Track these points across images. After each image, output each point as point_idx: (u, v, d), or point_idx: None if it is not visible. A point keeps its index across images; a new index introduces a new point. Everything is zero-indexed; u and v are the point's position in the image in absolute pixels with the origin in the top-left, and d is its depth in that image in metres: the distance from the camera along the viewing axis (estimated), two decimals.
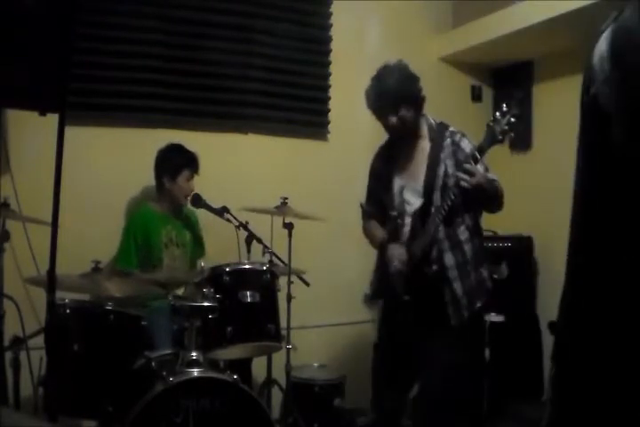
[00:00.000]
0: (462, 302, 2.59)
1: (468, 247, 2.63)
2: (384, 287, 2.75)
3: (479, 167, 2.47)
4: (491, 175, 2.59)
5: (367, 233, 2.90)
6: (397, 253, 2.65)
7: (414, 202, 2.68)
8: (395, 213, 2.73)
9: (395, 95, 2.60)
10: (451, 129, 2.69)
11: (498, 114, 2.39)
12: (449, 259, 2.59)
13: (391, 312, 2.79)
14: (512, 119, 2.36)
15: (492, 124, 2.39)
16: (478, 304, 2.63)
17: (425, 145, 2.71)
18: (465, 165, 2.42)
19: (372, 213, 2.86)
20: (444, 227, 2.57)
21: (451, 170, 2.60)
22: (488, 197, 2.51)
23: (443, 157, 2.63)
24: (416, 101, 2.66)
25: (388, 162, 2.79)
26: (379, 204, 2.83)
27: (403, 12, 4.11)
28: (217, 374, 2.38)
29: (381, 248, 2.75)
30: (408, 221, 2.69)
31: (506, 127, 2.36)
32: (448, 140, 2.65)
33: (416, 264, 2.60)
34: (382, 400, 2.90)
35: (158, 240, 3.17)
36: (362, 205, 2.93)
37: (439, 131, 2.69)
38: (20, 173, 3.02)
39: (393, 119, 2.62)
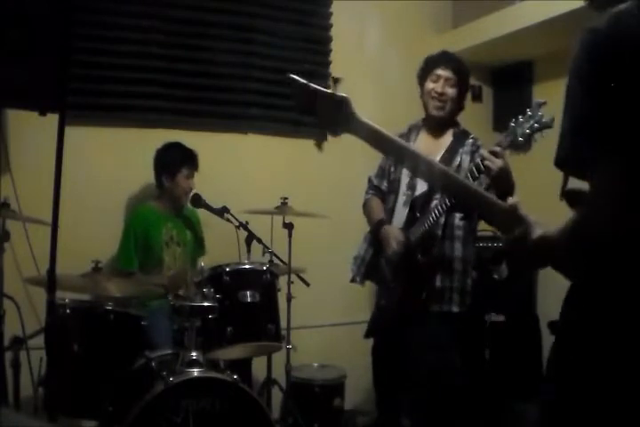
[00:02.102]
0: (435, 295, 2.63)
1: (458, 246, 2.66)
2: (373, 270, 2.80)
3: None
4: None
5: (367, 209, 2.94)
6: (396, 234, 2.68)
7: (419, 187, 2.70)
8: (394, 177, 2.80)
9: (460, 65, 2.79)
10: (474, 135, 2.78)
11: (521, 117, 2.25)
12: (439, 249, 2.64)
13: (379, 298, 2.85)
14: (536, 125, 2.21)
15: (514, 124, 2.25)
16: (455, 309, 2.64)
17: (446, 140, 2.78)
18: (494, 148, 2.36)
19: (379, 187, 2.92)
20: (444, 215, 2.59)
21: (465, 164, 2.63)
22: (507, 185, 2.43)
23: (461, 152, 2.70)
24: (463, 96, 2.79)
25: (407, 142, 2.83)
26: (386, 181, 2.89)
27: (403, 12, 4.11)
28: (217, 374, 2.38)
29: (378, 226, 2.77)
30: (402, 199, 2.74)
31: (528, 131, 2.22)
32: (470, 141, 2.74)
33: (410, 250, 2.62)
34: (382, 400, 2.93)
35: (159, 239, 3.17)
36: (370, 179, 2.99)
37: (463, 133, 2.79)
38: (20, 173, 3.02)
39: (442, 88, 2.72)
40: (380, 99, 3.81)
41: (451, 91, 2.73)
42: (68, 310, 2.45)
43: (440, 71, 2.75)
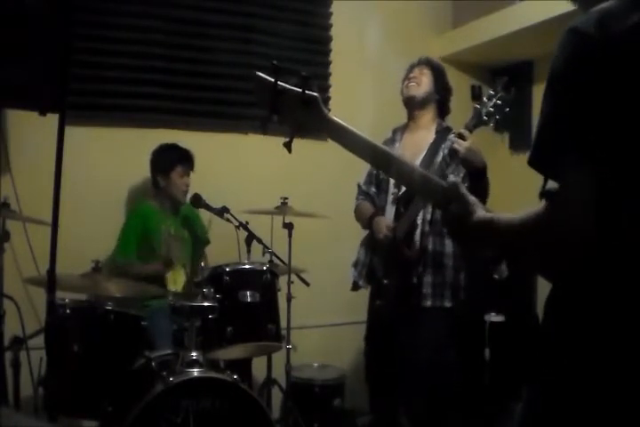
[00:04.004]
0: (426, 290, 2.67)
1: (448, 242, 2.70)
2: (368, 272, 2.85)
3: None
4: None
5: (358, 212, 2.99)
6: (386, 221, 2.75)
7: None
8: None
9: (435, 63, 2.94)
10: (455, 131, 2.81)
11: (485, 97, 2.44)
12: (428, 243, 2.68)
13: (373, 299, 2.88)
14: (499, 102, 2.40)
15: (478, 106, 2.45)
16: (447, 304, 2.70)
17: (429, 137, 2.84)
18: (460, 130, 2.50)
19: (367, 193, 2.98)
20: (430, 212, 2.64)
21: (448, 159, 2.69)
22: (477, 164, 2.54)
23: (443, 147, 2.76)
24: (440, 90, 2.86)
25: (392, 146, 2.90)
26: (375, 186, 2.95)
27: (403, 12, 4.11)
28: (217, 374, 2.38)
29: (371, 219, 2.81)
30: (390, 197, 2.82)
31: (492, 109, 2.41)
32: (452, 136, 2.76)
33: (397, 246, 2.66)
34: (377, 401, 2.94)
35: (158, 235, 3.19)
36: (359, 185, 3.04)
37: (446, 129, 2.84)
38: (19, 173, 3.02)
39: (415, 73, 2.85)
40: (380, 99, 3.81)
41: (424, 77, 2.84)
42: (67, 310, 2.44)
43: (416, 67, 2.90)
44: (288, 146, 1.27)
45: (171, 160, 3.19)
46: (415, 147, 2.83)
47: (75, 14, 2.39)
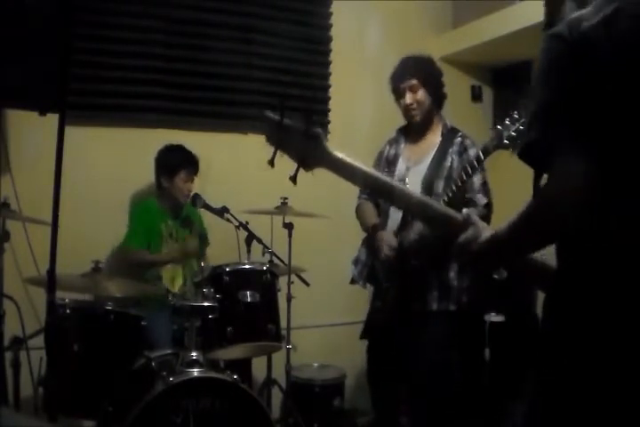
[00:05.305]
0: (431, 295, 2.65)
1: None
2: (370, 272, 2.83)
3: (478, 176, 2.57)
4: (480, 196, 2.63)
5: (360, 214, 2.96)
6: (389, 240, 2.70)
7: (414, 189, 2.70)
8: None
9: (417, 66, 2.79)
10: (462, 133, 2.78)
11: (508, 120, 2.33)
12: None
13: (375, 300, 2.87)
14: (522, 127, 2.29)
15: (500, 128, 2.34)
16: (451, 307, 2.67)
17: (435, 140, 2.79)
18: (479, 154, 2.41)
19: (370, 193, 2.92)
20: None
21: (456, 165, 2.67)
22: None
23: (450, 152, 2.72)
24: (434, 89, 2.78)
25: (397, 146, 2.87)
26: None
27: (403, 12, 4.11)
28: (217, 374, 2.38)
29: (373, 232, 2.79)
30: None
31: (514, 134, 2.31)
32: (459, 140, 2.75)
33: (403, 254, 2.64)
34: (378, 399, 2.93)
35: (158, 233, 3.20)
36: None
37: (452, 131, 2.79)
38: (20, 173, 3.02)
39: (409, 99, 2.74)
40: (380, 99, 3.81)
41: (418, 96, 2.75)
42: (68, 310, 2.44)
43: (401, 84, 2.78)
44: (294, 179, 1.34)
45: (176, 164, 3.19)
46: (421, 150, 2.79)
47: (75, 14, 2.38)
